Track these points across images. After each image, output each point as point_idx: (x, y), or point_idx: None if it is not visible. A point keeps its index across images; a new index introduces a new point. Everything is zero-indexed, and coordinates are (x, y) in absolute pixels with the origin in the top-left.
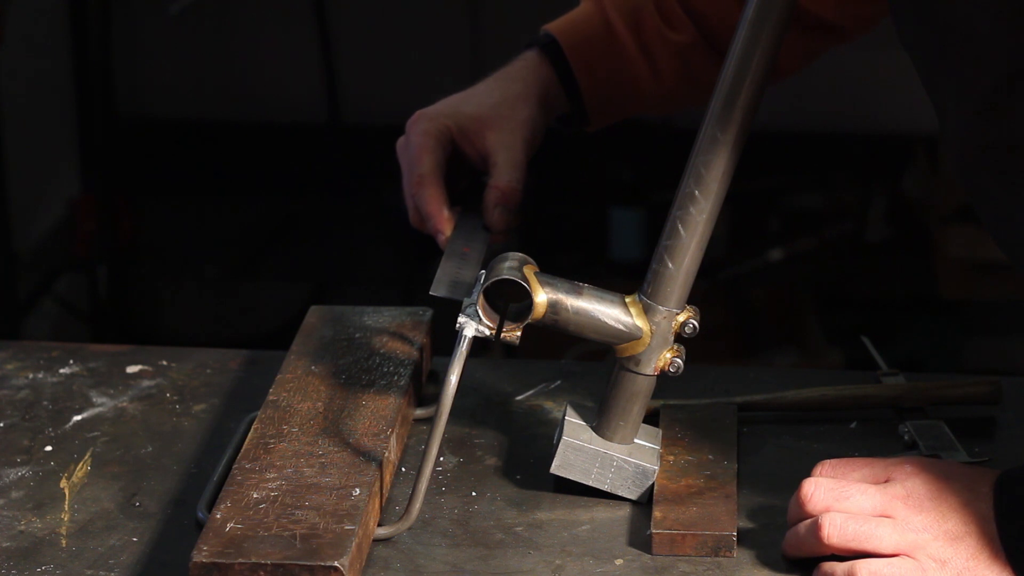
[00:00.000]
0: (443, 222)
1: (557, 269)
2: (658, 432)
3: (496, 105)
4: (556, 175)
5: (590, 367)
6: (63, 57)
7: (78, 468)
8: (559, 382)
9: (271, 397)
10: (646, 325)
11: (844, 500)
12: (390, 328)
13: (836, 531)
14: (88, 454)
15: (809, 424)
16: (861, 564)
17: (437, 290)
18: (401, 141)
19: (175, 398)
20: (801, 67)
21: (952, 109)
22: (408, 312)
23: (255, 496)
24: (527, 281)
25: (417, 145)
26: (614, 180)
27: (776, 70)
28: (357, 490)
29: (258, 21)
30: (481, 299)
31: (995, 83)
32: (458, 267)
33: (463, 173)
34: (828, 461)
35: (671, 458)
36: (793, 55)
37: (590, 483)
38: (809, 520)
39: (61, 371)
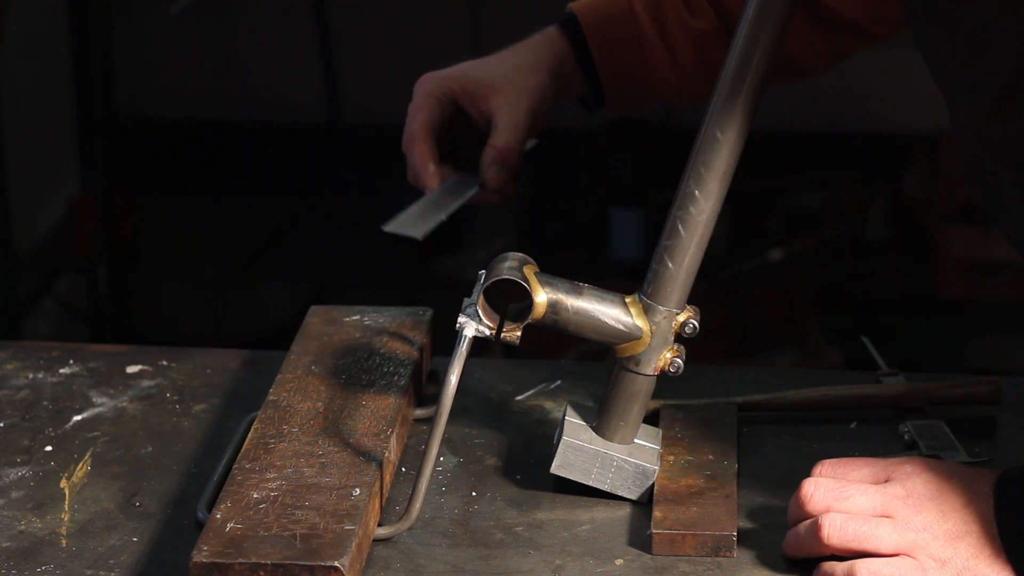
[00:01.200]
0: (429, 176)
1: (557, 269)
2: (658, 432)
3: (506, 71)
4: (556, 175)
5: (590, 367)
6: (63, 57)
7: (78, 468)
8: (559, 382)
9: (271, 397)
10: (646, 325)
11: (844, 500)
12: (390, 328)
13: (836, 531)
14: (88, 454)
15: (809, 424)
16: (861, 564)
17: (388, 226)
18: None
19: (175, 398)
20: (827, 67)
21: (963, 106)
22: (408, 312)
23: (255, 496)
24: (527, 281)
25: (415, 105)
26: (614, 180)
27: (801, 69)
28: (357, 490)
29: (258, 21)
30: (481, 299)
31: (1006, 79)
32: (426, 210)
33: (470, 136)
34: (828, 461)
35: (671, 458)
36: (818, 55)
37: (590, 483)
38: (809, 520)
39: (61, 371)
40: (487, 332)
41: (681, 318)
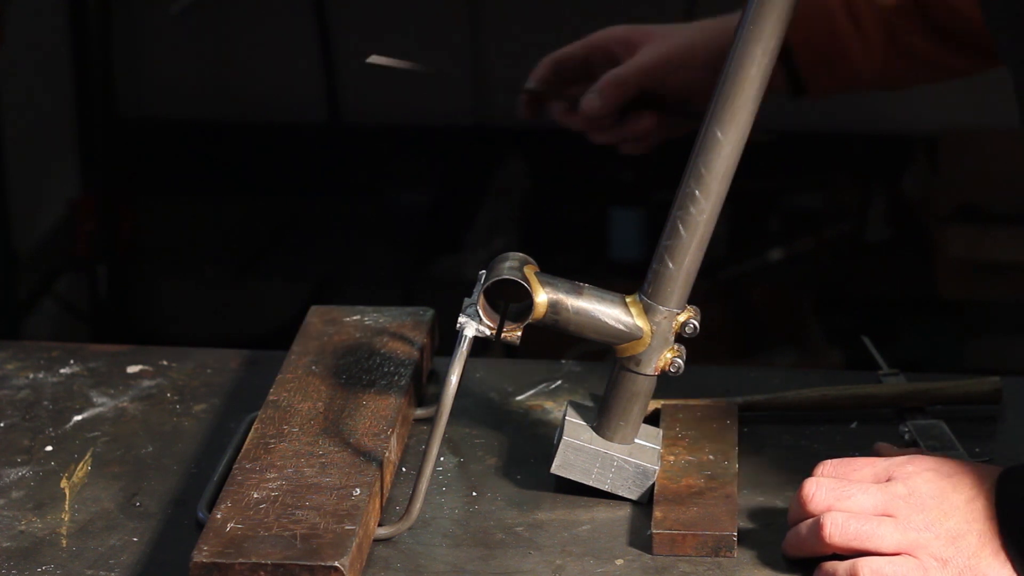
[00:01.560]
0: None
1: (557, 269)
2: (658, 432)
3: (672, 26)
4: (556, 175)
5: (590, 367)
6: (63, 57)
7: (78, 468)
8: (559, 382)
9: (271, 397)
10: (646, 325)
11: (846, 500)
12: (390, 328)
13: (838, 530)
14: (88, 454)
15: (809, 424)
16: (863, 562)
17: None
18: None
19: (175, 398)
20: (981, 69)
21: None
22: (408, 312)
23: (255, 496)
24: (527, 281)
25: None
26: (614, 180)
27: (953, 71)
28: (357, 490)
29: (258, 21)
30: (481, 299)
31: None
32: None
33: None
34: (829, 461)
35: (671, 458)
36: (967, 56)
37: (590, 483)
38: (811, 520)
39: (61, 371)
40: (487, 332)
41: (681, 318)
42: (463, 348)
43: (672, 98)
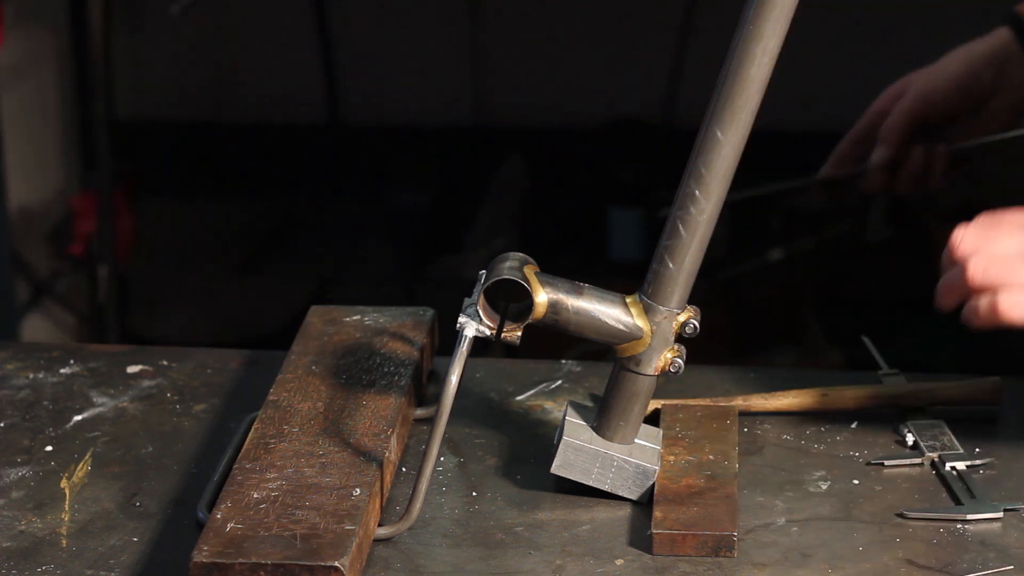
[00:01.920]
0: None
1: (557, 269)
2: (658, 432)
3: (930, 67)
4: (556, 175)
5: (590, 367)
6: (63, 56)
7: (78, 468)
8: (559, 382)
9: (271, 397)
10: (647, 325)
11: (991, 243)
12: (391, 328)
13: (980, 272)
14: (88, 454)
15: (809, 424)
16: (1004, 296)
17: None
18: None
19: (175, 398)
20: None
21: None
22: (409, 312)
23: (255, 496)
24: (527, 281)
25: None
26: (614, 180)
27: None
28: (357, 490)
29: (258, 21)
30: (481, 299)
31: None
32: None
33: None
34: (980, 217)
35: (671, 458)
36: None
37: (590, 483)
38: (957, 266)
39: (61, 371)
40: (487, 332)
41: (681, 318)
42: (463, 348)
43: (945, 128)
